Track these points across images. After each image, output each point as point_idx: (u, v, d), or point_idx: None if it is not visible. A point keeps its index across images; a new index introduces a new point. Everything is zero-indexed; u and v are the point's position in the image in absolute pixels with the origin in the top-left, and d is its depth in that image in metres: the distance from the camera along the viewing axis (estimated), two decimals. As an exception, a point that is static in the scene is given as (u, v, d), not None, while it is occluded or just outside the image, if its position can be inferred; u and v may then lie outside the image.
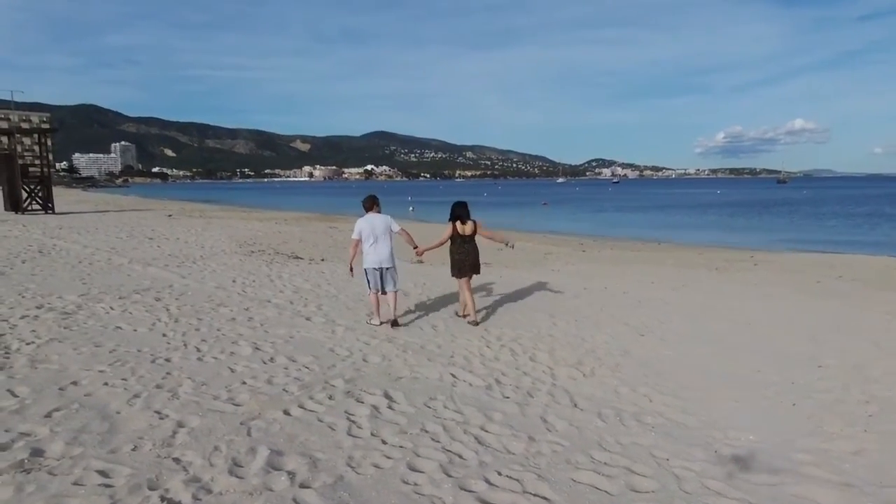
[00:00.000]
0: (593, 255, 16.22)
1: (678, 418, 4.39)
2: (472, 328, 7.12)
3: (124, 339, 6.30)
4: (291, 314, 7.73)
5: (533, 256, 15.28)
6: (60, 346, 5.96)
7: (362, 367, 5.44)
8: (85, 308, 7.85)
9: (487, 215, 44.00)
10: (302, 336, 6.59)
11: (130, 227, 21.05)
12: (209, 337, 6.47)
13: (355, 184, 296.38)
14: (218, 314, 7.66)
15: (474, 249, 7.44)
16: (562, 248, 19.50)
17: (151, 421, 4.14)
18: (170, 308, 7.97)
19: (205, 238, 17.64)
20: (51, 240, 16.19)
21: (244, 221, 26.06)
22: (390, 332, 6.86)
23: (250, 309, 8.02)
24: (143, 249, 14.52)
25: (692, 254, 17.66)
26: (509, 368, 5.52)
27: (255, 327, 6.98)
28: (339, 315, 7.71)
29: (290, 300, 8.69)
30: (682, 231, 30.53)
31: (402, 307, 7.91)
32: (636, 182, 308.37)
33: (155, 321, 7.18)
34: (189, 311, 7.78)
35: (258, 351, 5.95)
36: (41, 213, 27.26)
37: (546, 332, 6.94)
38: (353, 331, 6.85)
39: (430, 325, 7.22)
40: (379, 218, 7.02)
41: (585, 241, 23.62)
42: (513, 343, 6.43)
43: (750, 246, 21.82)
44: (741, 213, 46.61)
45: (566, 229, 30.69)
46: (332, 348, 6.09)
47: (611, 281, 10.90)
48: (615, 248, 19.21)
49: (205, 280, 10.33)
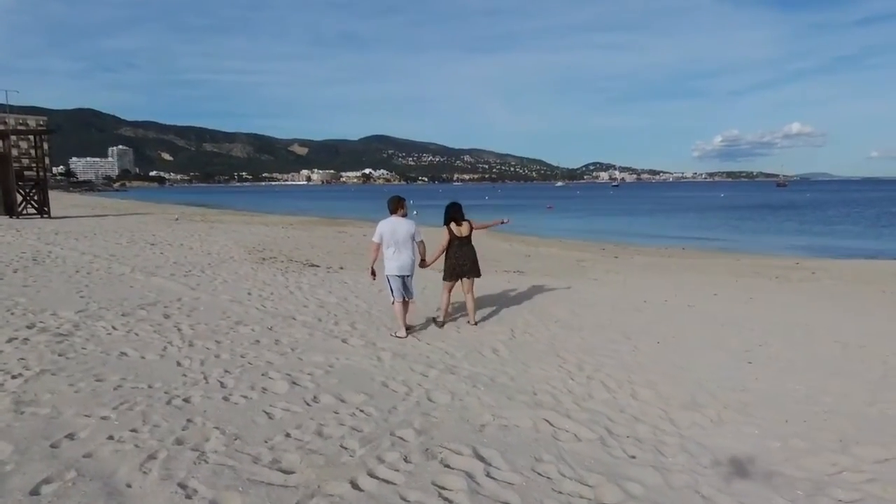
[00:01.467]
0: (626, 261, 15.17)
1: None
2: (542, 354, 6.04)
3: (131, 370, 5.21)
4: (323, 335, 6.64)
5: (565, 264, 14.22)
6: (54, 381, 4.86)
7: (431, 411, 4.35)
8: (83, 328, 6.75)
9: (487, 218, 42.89)
10: (343, 364, 5.50)
11: (131, 231, 19.94)
12: (233, 366, 5.38)
13: (354, 188, 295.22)
14: (238, 335, 6.57)
15: (472, 251, 7.12)
16: (587, 253, 18.47)
17: (175, 500, 3.06)
18: (181, 327, 6.87)
19: (210, 244, 16.54)
20: (46, 246, 15.08)
21: (248, 226, 24.95)
22: (447, 359, 5.78)
23: (274, 328, 6.93)
24: (146, 257, 13.42)
25: (727, 260, 16.63)
26: (612, 411, 4.44)
27: (286, 353, 5.89)
28: (378, 336, 6.62)
29: (317, 317, 7.60)
30: (701, 235, 29.48)
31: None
32: (635, 185, 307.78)
33: (166, 345, 6.09)
34: (204, 332, 6.68)
35: (296, 386, 4.86)
36: (37, 218, 26.11)
37: (630, 358, 5.86)
38: (403, 357, 5.77)
39: (491, 349, 6.14)
40: (403, 223, 6.64)
41: (607, 246, 22.59)
42: (599, 373, 5.35)
43: (785, 252, 20.85)
44: (753, 217, 45.65)
45: (581, 234, 29.66)
46: (384, 382, 5.00)
47: (666, 292, 9.83)
48: (643, 254, 18.16)
49: (217, 292, 9.24)
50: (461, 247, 7.02)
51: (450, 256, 7.03)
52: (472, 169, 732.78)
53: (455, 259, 6.99)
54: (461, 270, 7.01)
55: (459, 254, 7.00)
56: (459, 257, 6.99)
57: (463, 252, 7.01)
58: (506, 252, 17.65)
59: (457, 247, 7.01)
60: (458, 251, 7.01)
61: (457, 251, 7.01)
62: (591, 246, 22.17)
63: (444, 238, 7.03)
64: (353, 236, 21.03)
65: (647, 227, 36.45)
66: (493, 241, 23.07)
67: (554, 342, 6.42)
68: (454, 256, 7.00)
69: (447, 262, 7.07)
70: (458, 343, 6.36)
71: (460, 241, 7.02)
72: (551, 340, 6.50)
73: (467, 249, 7.06)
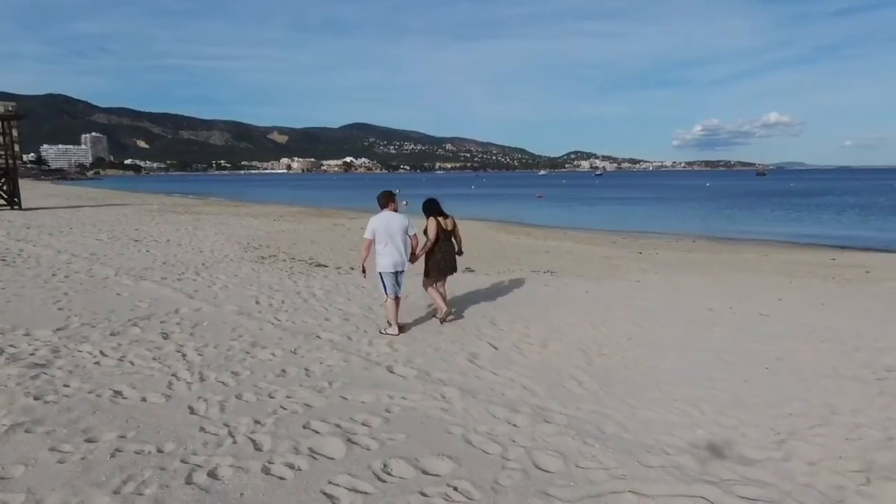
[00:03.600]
0: (653, 258, 14.18)
1: None
2: (640, 388, 4.96)
3: (131, 422, 4.01)
4: (362, 362, 5.47)
5: (592, 261, 13.17)
6: (28, 443, 3.65)
7: (548, 487, 3.24)
8: (64, 354, 5.50)
9: (484, 209, 41.88)
10: (402, 408, 4.35)
11: (111, 225, 18.44)
12: (263, 413, 4.20)
13: (336, 176, 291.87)
14: (258, 363, 5.38)
15: (452, 248, 6.88)
16: (601, 247, 17.46)
17: None
18: (186, 352, 5.66)
19: (200, 239, 15.19)
20: (16, 243, 13.61)
21: (236, 218, 23.50)
22: (528, 396, 4.65)
23: (299, 352, 5.75)
24: (131, 255, 12.06)
25: (753, 255, 15.75)
26: (783, 481, 3.36)
27: (323, 389, 4.72)
28: (431, 363, 5.47)
29: (345, 334, 6.43)
30: (706, 225, 28.68)
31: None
32: (617, 174, 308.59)
33: (170, 379, 4.88)
34: (215, 358, 5.48)
35: (353, 446, 3.70)
36: (6, 210, 24.37)
37: (749, 393, 4.79)
38: (473, 395, 4.63)
39: (572, 379, 5.03)
40: (395, 217, 6.40)
41: (616, 238, 21.66)
42: (726, 417, 4.27)
43: (800, 241, 20.13)
44: (747, 205, 45.25)
45: (583, 225, 28.67)
46: (466, 436, 3.87)
47: (721, 297, 8.83)
48: (661, 248, 17.22)
49: (219, 301, 8.00)
50: (445, 242, 6.76)
51: (433, 252, 6.71)
52: (454, 157, 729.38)
53: (440, 255, 6.71)
54: (446, 267, 6.79)
55: (444, 249, 6.74)
56: (444, 252, 6.74)
57: (448, 247, 6.79)
58: (518, 247, 16.56)
59: (442, 241, 6.72)
60: (444, 246, 6.74)
61: (442, 246, 6.73)
62: (601, 238, 21.20)
63: (433, 231, 6.66)
64: (352, 230, 19.77)
65: (647, 216, 35.66)
66: (496, 234, 21.98)
67: (644, 370, 5.34)
68: (440, 252, 6.71)
69: (432, 258, 6.72)
70: (528, 371, 5.25)
71: (445, 236, 6.74)
72: (638, 367, 5.42)
73: (449, 245, 6.82)
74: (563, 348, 5.97)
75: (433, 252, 6.72)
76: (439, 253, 6.71)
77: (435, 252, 6.71)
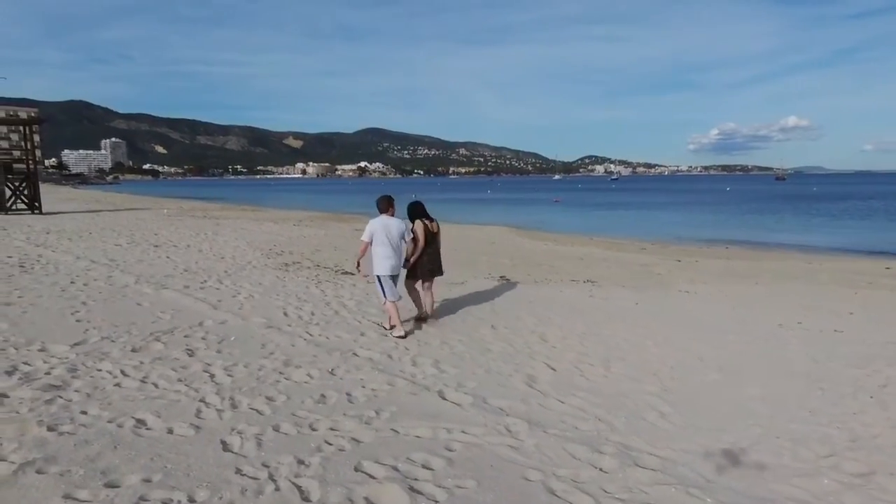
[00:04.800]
0: (693, 265, 13.47)
1: None
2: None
3: (157, 460, 3.48)
4: (409, 385, 4.91)
5: (631, 269, 12.49)
6: (41, 486, 3.13)
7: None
8: (83, 374, 5.01)
9: (503, 214, 41.28)
10: (465, 445, 3.76)
11: (130, 230, 18.12)
12: (306, 449, 3.65)
13: (351, 181, 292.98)
14: (294, 386, 4.84)
15: (437, 250, 6.95)
16: (631, 254, 16.76)
17: None
18: (214, 372, 5.14)
19: (221, 245, 14.77)
20: (35, 248, 13.27)
21: (256, 223, 23.15)
22: (606, 430, 4.06)
23: (337, 372, 5.21)
24: (151, 262, 11.64)
25: (799, 263, 14.97)
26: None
27: (371, 420, 4.16)
28: (486, 387, 4.89)
29: (384, 351, 5.88)
30: (736, 232, 27.75)
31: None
32: (633, 179, 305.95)
33: (199, 406, 4.35)
34: (246, 380, 4.95)
35: (417, 496, 3.11)
36: (27, 214, 24.26)
37: (863, 430, 4.14)
38: (544, 429, 4.03)
39: (654, 410, 4.41)
40: (394, 222, 6.57)
41: (645, 244, 20.91)
42: (850, 461, 3.64)
43: (852, 248, 19.24)
44: (773, 210, 44.12)
45: (607, 230, 27.90)
46: (546, 484, 3.26)
47: (781, 310, 8.15)
48: (697, 256, 16.47)
49: (245, 312, 7.50)
50: (432, 244, 6.81)
51: (422, 254, 6.76)
52: (467, 162, 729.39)
53: (427, 257, 6.76)
54: (431, 269, 6.85)
55: (431, 251, 6.80)
56: (431, 255, 6.80)
57: (434, 249, 6.85)
58: (547, 253, 15.93)
59: (429, 244, 6.78)
60: (428, 248, 6.78)
61: (428, 248, 6.78)
62: (629, 245, 20.47)
63: (421, 235, 6.70)
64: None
65: (672, 222, 34.74)
66: (520, 240, 21.36)
67: (728, 398, 4.70)
68: (425, 254, 6.77)
69: (418, 260, 6.76)
70: (597, 398, 4.65)
71: (431, 239, 6.79)
72: (721, 394, 4.78)
73: (435, 248, 6.89)
74: (629, 370, 5.36)
75: (420, 254, 6.80)
76: (425, 255, 6.77)
77: (422, 254, 6.77)
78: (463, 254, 15.12)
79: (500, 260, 13.60)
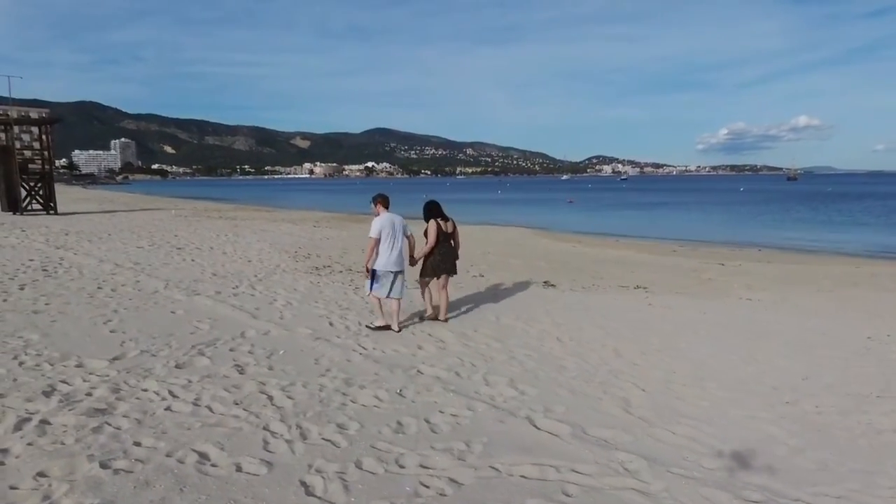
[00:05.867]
0: (737, 269, 12.87)
1: None
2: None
3: (232, 508, 2.98)
4: (492, 410, 4.39)
5: (678, 274, 11.91)
6: (103, 546, 2.65)
7: None
8: (127, 395, 4.53)
9: (518, 214, 40.69)
10: (584, 489, 3.22)
11: (149, 231, 17.70)
12: (398, 494, 3.13)
13: (359, 181, 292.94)
14: (364, 411, 4.33)
15: (452, 249, 7.01)
16: (667, 257, 16.18)
17: None
18: (271, 393, 4.64)
19: (244, 247, 14.32)
20: (56, 251, 12.87)
21: (275, 223, 22.71)
22: (742, 472, 3.53)
23: (406, 394, 4.70)
24: (177, 265, 11.20)
25: (846, 268, 14.33)
26: None
27: (462, 454, 3.64)
28: (578, 412, 4.37)
29: (450, 368, 5.37)
30: (767, 233, 26.99)
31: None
32: (642, 179, 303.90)
33: (264, 436, 3.85)
34: (309, 403, 4.45)
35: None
36: (42, 214, 23.94)
37: None
38: (667, 468, 3.51)
39: (782, 444, 3.88)
40: (398, 218, 6.64)
41: (674, 247, 20.30)
42: None
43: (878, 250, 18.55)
44: (793, 210, 43.34)
45: (630, 231, 27.25)
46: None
47: (865, 320, 7.58)
48: (736, 259, 15.86)
49: (287, 321, 7.02)
50: (444, 243, 6.85)
51: (434, 253, 6.82)
52: (474, 162, 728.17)
53: (439, 256, 6.80)
54: (443, 268, 6.86)
55: (444, 250, 6.84)
56: (443, 254, 6.83)
57: (447, 248, 6.87)
58: (580, 256, 15.37)
59: (441, 243, 6.82)
60: (443, 247, 6.84)
61: (441, 248, 6.82)
62: (658, 247, 19.87)
63: (433, 234, 6.78)
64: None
65: (693, 223, 34.02)
66: (545, 241, 20.80)
67: (862, 429, 4.16)
68: (438, 253, 6.82)
69: (429, 258, 6.84)
70: (710, 427, 4.10)
71: (444, 238, 6.84)
72: (849, 422, 4.24)
73: (449, 247, 6.91)
74: (727, 391, 4.82)
75: (431, 253, 6.84)
76: (438, 255, 6.82)
77: (434, 253, 6.82)
78: (493, 256, 14.61)
79: (535, 263, 13.07)
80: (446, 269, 6.91)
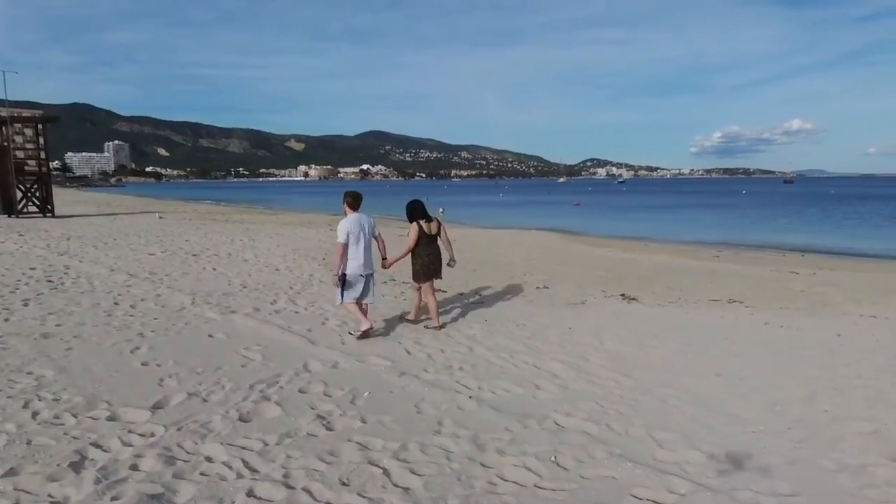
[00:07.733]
0: (808, 279, 11.71)
1: None
2: None
3: None
4: (699, 491, 3.18)
5: (761, 284, 10.69)
6: None
7: None
8: (185, 468, 3.28)
9: (529, 217, 39.51)
10: None
11: (156, 235, 16.39)
12: None
13: (353, 184, 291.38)
14: (523, 492, 3.10)
15: (439, 251, 6.74)
16: (715, 263, 15.01)
17: None
18: (381, 461, 3.41)
19: (264, 253, 13.05)
20: (60, 258, 11.57)
21: (288, 227, 21.43)
22: None
23: (562, 460, 3.47)
24: (197, 275, 9.93)
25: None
26: None
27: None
28: (708, 471, 3.16)
29: (590, 416, 4.14)
30: (797, 237, 25.84)
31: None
32: (639, 182, 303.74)
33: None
34: (444, 483, 3.21)
35: None
36: (39, 217, 22.58)
37: None
38: None
39: None
40: (365, 218, 6.34)
41: (712, 251, 19.15)
42: None
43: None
44: (806, 212, 42.37)
45: (653, 235, 26.01)
46: None
47: None
48: (792, 266, 14.71)
49: (350, 347, 5.82)
50: (429, 245, 6.60)
51: (420, 255, 6.56)
52: (469, 165, 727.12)
53: (427, 258, 6.55)
54: (432, 270, 6.63)
55: (430, 251, 6.58)
56: (430, 255, 6.58)
57: (433, 250, 6.62)
58: (636, 264, 14.13)
59: (425, 245, 6.56)
60: (428, 249, 6.58)
61: (426, 249, 6.56)
62: (695, 251, 18.67)
63: (413, 236, 6.53)
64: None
65: (713, 226, 32.86)
66: (577, 246, 19.61)
67: None
68: (425, 255, 6.56)
69: (418, 261, 6.58)
70: None
71: (429, 240, 6.58)
72: None
73: (435, 248, 6.67)
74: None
75: (418, 255, 6.55)
76: (426, 256, 6.56)
77: (421, 255, 6.54)
78: (538, 262, 13.40)
79: (593, 272, 11.86)
80: (435, 270, 6.69)
